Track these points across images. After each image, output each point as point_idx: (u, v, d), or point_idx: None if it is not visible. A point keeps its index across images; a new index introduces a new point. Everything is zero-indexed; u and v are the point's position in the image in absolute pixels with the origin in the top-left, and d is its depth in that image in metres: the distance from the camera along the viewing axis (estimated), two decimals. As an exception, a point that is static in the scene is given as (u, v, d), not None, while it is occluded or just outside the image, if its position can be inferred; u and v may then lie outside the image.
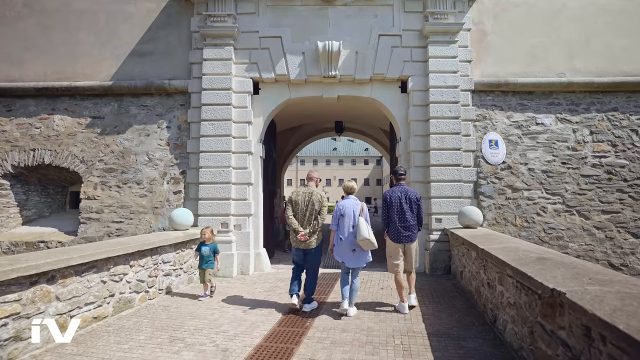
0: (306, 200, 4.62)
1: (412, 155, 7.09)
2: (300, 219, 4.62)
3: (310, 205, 4.60)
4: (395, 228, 4.63)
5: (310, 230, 4.55)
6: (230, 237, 6.81)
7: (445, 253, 6.66)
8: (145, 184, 7.08)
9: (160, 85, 7.27)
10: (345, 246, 4.48)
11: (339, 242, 4.51)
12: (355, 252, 4.48)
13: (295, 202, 4.67)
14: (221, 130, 6.96)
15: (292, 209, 4.68)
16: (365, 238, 4.32)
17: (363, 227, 4.35)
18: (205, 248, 5.43)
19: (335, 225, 4.59)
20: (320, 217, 4.59)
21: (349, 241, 4.47)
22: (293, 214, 4.66)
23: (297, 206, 4.65)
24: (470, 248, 4.98)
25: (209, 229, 5.57)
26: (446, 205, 6.81)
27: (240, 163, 7.06)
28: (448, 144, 6.92)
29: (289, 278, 5.14)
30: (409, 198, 4.66)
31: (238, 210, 6.99)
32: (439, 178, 6.85)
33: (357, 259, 4.50)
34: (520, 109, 7.30)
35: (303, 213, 4.61)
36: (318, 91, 7.38)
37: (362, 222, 4.40)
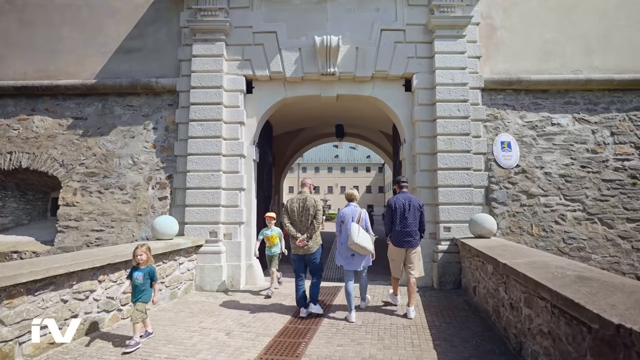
0: (300, 206, 4.68)
1: (418, 158, 6.49)
2: (297, 225, 4.67)
3: (305, 211, 4.65)
4: (397, 233, 4.74)
5: (307, 235, 4.59)
6: (220, 247, 6.20)
7: (455, 265, 6.01)
8: (128, 190, 6.50)
9: (147, 84, 6.73)
10: (344, 250, 4.70)
11: (339, 247, 4.75)
12: (354, 256, 4.66)
13: (291, 209, 4.71)
14: (211, 132, 6.39)
15: (289, 216, 4.72)
16: (353, 242, 4.47)
17: (353, 232, 4.50)
18: (137, 274, 3.84)
19: (338, 231, 4.81)
20: (317, 221, 4.61)
21: (347, 246, 4.65)
22: (290, 221, 4.70)
23: (293, 213, 4.70)
24: (486, 261, 4.34)
25: (144, 247, 3.96)
26: (455, 213, 6.18)
27: (232, 167, 6.48)
28: (457, 146, 6.31)
29: (283, 293, 5.05)
30: (412, 205, 4.77)
31: (228, 217, 6.38)
32: (447, 183, 6.24)
33: (355, 263, 4.68)
34: (534, 109, 6.71)
35: (299, 219, 4.66)
36: (316, 90, 6.81)
37: (354, 227, 4.54)
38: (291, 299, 5.55)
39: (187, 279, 5.86)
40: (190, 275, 5.95)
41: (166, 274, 5.29)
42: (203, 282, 6.05)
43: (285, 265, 8.05)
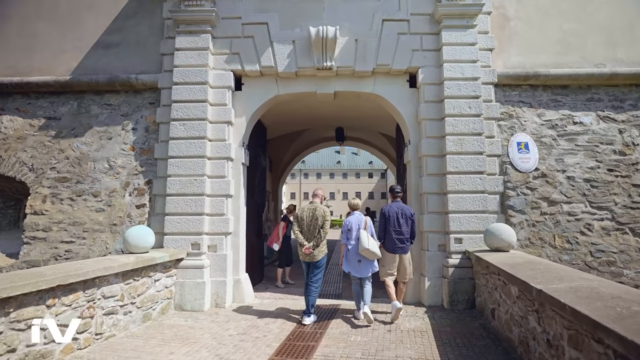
0: (310, 215, 4.83)
1: (424, 161, 5.77)
2: (305, 233, 4.81)
3: (314, 220, 4.80)
4: (391, 240, 4.92)
5: (314, 244, 4.71)
6: (203, 261, 5.48)
7: (468, 282, 5.25)
8: (103, 196, 5.82)
9: (126, 80, 6.08)
10: (352, 257, 4.81)
11: (346, 253, 4.85)
12: (360, 262, 4.77)
13: (300, 218, 4.88)
14: (194, 132, 5.72)
15: (298, 224, 4.89)
16: (365, 248, 4.62)
17: (363, 239, 4.64)
18: None
19: (344, 239, 4.94)
20: (323, 231, 4.75)
21: (354, 253, 4.78)
22: (299, 229, 4.85)
23: (302, 222, 4.86)
24: (510, 282, 3.60)
25: None
26: (467, 222, 5.44)
27: (217, 171, 5.79)
28: (468, 147, 5.60)
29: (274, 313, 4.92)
30: (404, 214, 5.00)
31: (213, 227, 5.68)
32: (457, 188, 5.51)
33: (363, 269, 4.78)
34: (554, 106, 5.99)
35: (308, 228, 4.81)
36: (311, 86, 6.14)
37: (363, 234, 4.68)
38: (282, 321, 4.82)
39: (165, 297, 5.14)
40: (169, 293, 5.24)
41: (137, 293, 4.58)
42: (183, 301, 5.33)
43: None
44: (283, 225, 7.51)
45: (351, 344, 4.01)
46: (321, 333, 4.36)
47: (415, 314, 5.05)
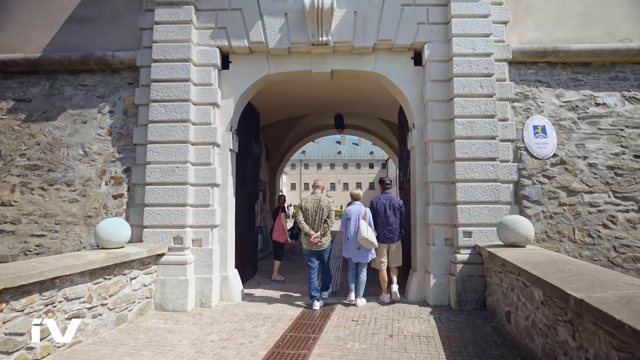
0: (315, 206, 5.06)
1: (430, 147, 5.20)
2: (311, 223, 5.03)
3: (319, 211, 5.04)
4: (380, 231, 5.14)
5: (321, 233, 4.98)
6: (186, 256, 4.96)
7: (479, 280, 4.72)
8: (77, 186, 5.28)
9: (102, 58, 5.49)
10: (351, 245, 5.06)
11: (346, 241, 5.11)
12: (359, 249, 5.01)
13: (305, 208, 5.09)
14: (176, 114, 5.14)
15: (303, 214, 5.09)
16: (363, 237, 4.83)
17: (362, 228, 4.86)
18: None
19: (343, 227, 5.19)
20: (330, 221, 5.04)
21: (354, 240, 5.02)
22: (304, 219, 5.06)
23: (307, 212, 5.07)
24: (533, 284, 3.07)
25: None
26: (478, 214, 4.89)
27: (202, 157, 5.23)
28: (479, 131, 5.01)
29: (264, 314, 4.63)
30: (392, 205, 5.25)
31: (198, 219, 5.14)
32: (467, 177, 4.95)
33: (361, 256, 5.04)
34: (574, 86, 5.38)
35: (313, 218, 5.04)
36: (306, 64, 5.53)
37: (362, 224, 4.90)
38: (271, 324, 4.31)
39: (143, 296, 4.63)
40: (148, 291, 4.73)
41: (109, 293, 4.06)
42: (164, 300, 4.82)
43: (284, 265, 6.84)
44: (285, 215, 7.09)
45: (348, 353, 3.50)
46: (314, 338, 3.85)
47: (420, 316, 4.53)
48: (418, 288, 5.20)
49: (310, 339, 3.84)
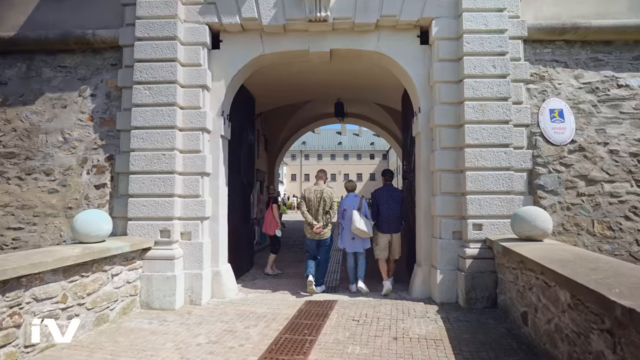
0: (317, 197, 5.17)
1: (438, 132, 4.78)
2: (314, 213, 5.15)
3: (322, 202, 5.14)
4: (382, 221, 5.21)
5: (323, 223, 5.09)
6: (174, 250, 4.59)
7: (490, 276, 4.35)
8: (56, 175, 4.89)
9: (81, 37, 5.05)
10: (346, 235, 5.20)
11: (341, 231, 5.26)
12: (354, 239, 5.17)
13: (308, 199, 5.21)
14: (162, 97, 4.72)
15: (306, 204, 5.20)
16: (356, 227, 4.95)
17: (356, 219, 4.96)
18: None
19: (340, 218, 5.34)
20: (332, 212, 5.18)
21: (348, 231, 5.16)
22: (307, 209, 5.18)
23: (310, 202, 5.19)
24: (558, 283, 2.68)
25: None
26: (489, 205, 4.50)
27: (191, 144, 4.82)
28: (491, 115, 4.59)
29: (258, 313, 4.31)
30: (393, 196, 5.30)
31: (187, 211, 4.76)
32: (477, 164, 4.54)
33: (356, 245, 5.19)
34: (594, 66, 4.93)
35: (316, 208, 5.15)
36: (303, 43, 5.08)
37: (355, 215, 5.00)
38: (265, 324, 3.96)
39: (127, 294, 4.27)
40: (132, 289, 4.37)
41: (87, 291, 3.69)
42: (150, 298, 4.47)
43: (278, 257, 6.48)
44: (276, 207, 6.66)
45: (348, 359, 3.14)
46: (311, 341, 3.49)
47: (426, 315, 4.17)
48: (423, 284, 4.84)
49: (307, 342, 3.49)
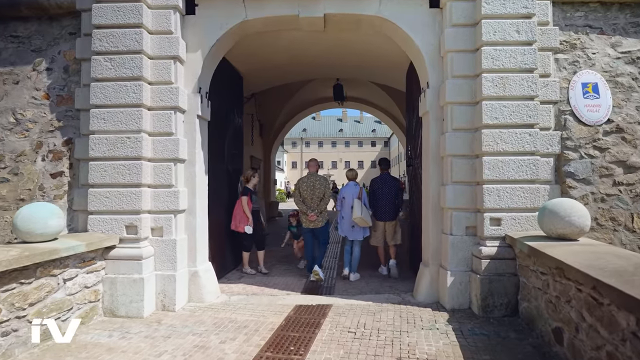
0: (311, 186, 5.14)
1: (449, 111, 4.04)
2: (308, 202, 5.14)
3: (316, 191, 5.11)
4: (378, 209, 5.33)
5: (317, 212, 5.08)
6: (142, 249, 3.92)
7: (509, 280, 3.68)
8: (7, 162, 4.20)
9: (34, 2, 4.29)
10: (346, 223, 5.27)
11: (341, 220, 5.33)
12: (354, 227, 5.21)
13: (302, 189, 5.18)
14: (125, 70, 3.98)
15: (300, 194, 5.19)
16: (358, 216, 5.01)
17: (356, 208, 5.03)
18: None
19: (339, 207, 5.41)
20: (325, 200, 5.14)
21: (348, 219, 5.21)
22: (301, 198, 5.17)
23: (303, 192, 5.17)
24: (617, 303, 2.01)
25: None
26: (509, 196, 3.80)
27: (161, 126, 4.11)
28: (514, 90, 3.85)
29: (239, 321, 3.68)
30: (390, 185, 5.40)
31: (157, 203, 4.08)
32: (496, 148, 3.82)
33: (355, 233, 5.23)
34: (634, 33, 4.15)
35: (310, 197, 5.13)
36: (291, 7, 4.30)
37: (356, 204, 5.06)
38: (244, 337, 3.32)
39: (85, 301, 3.63)
40: (93, 294, 3.72)
41: (29, 301, 3.05)
42: (115, 304, 3.83)
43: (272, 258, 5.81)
44: (247, 199, 5.49)
45: (340, 389, 2.50)
46: None
47: (435, 325, 3.52)
48: (430, 286, 4.19)
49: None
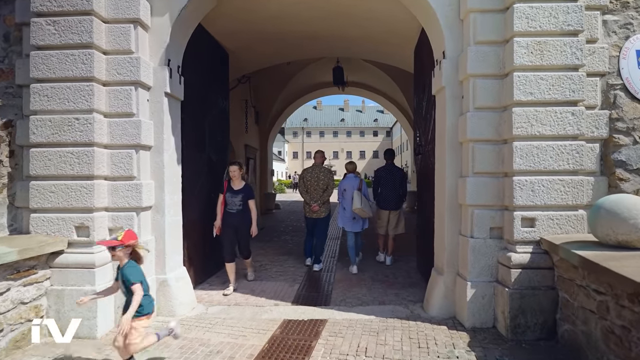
0: (315, 177, 5.15)
1: (471, 86, 3.26)
2: (311, 193, 5.14)
3: (320, 182, 5.12)
4: (383, 198, 5.38)
5: (320, 202, 5.09)
6: (95, 255, 3.20)
7: (545, 295, 2.95)
8: None
9: (-34, -47, 3.49)
10: (346, 215, 5.21)
11: (342, 211, 5.30)
12: (355, 219, 5.16)
13: (305, 179, 5.20)
14: (72, 36, 3.20)
15: (304, 184, 5.20)
16: (357, 207, 4.97)
17: (356, 199, 4.99)
18: None
19: (340, 198, 5.31)
20: (328, 191, 5.17)
21: (349, 211, 5.15)
22: (305, 189, 5.17)
23: (307, 182, 5.18)
24: None
25: None
26: (546, 190, 3.04)
27: (119, 105, 3.35)
28: (553, 58, 3.05)
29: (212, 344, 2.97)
30: (394, 174, 5.41)
31: (116, 199, 3.35)
32: (531, 131, 3.05)
33: (356, 225, 5.19)
34: (701, -13, 3.32)
35: (314, 188, 5.13)
36: (278, -42, 3.50)
37: (356, 195, 5.02)
38: None
39: (22, 319, 2.93)
40: (32, 311, 3.02)
41: None
42: (62, 322, 3.09)
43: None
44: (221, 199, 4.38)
45: None
46: None
47: (453, 352, 2.79)
48: (445, 298, 3.46)
49: None
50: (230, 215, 4.32)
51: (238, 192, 4.34)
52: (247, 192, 4.39)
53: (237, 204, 4.33)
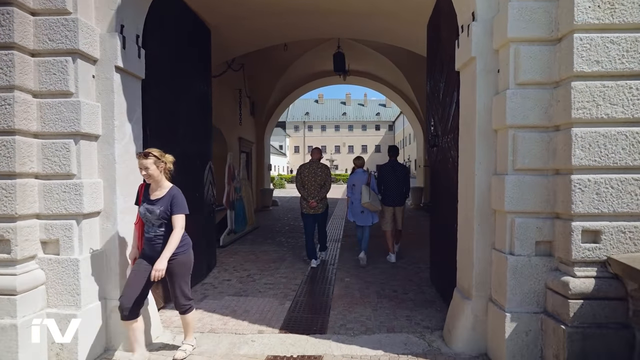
0: (312, 173, 5.08)
1: (512, 54, 2.43)
2: (309, 189, 5.06)
3: (317, 178, 5.06)
4: (386, 194, 5.40)
5: (318, 198, 5.03)
6: (17, 277, 2.42)
7: (618, 336, 2.16)
8: None
9: None
10: (356, 209, 5.30)
11: (351, 206, 5.39)
12: (363, 213, 5.26)
13: (303, 175, 5.11)
14: (-15, -12, 2.41)
15: (301, 180, 5.11)
16: (366, 201, 5.05)
17: (365, 194, 5.07)
18: None
19: (349, 193, 5.42)
20: (325, 188, 5.09)
21: (358, 205, 5.24)
22: (302, 184, 5.09)
23: (305, 178, 5.09)
24: None
25: None
26: (616, 194, 2.23)
27: (52, 80, 2.56)
28: (627, 14, 2.23)
29: None
30: (397, 171, 5.43)
31: (50, 203, 2.58)
32: (595, 115, 2.23)
33: (365, 219, 5.27)
34: None
35: (311, 184, 5.06)
36: None
37: (364, 190, 5.10)
38: None
39: None
40: None
41: None
42: (-27, 366, 2.38)
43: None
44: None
45: None
46: None
47: (493, 414, 2.03)
48: (473, 330, 2.69)
49: None
50: (148, 242, 2.59)
51: (156, 202, 2.56)
52: (170, 201, 2.55)
53: (154, 222, 2.55)
